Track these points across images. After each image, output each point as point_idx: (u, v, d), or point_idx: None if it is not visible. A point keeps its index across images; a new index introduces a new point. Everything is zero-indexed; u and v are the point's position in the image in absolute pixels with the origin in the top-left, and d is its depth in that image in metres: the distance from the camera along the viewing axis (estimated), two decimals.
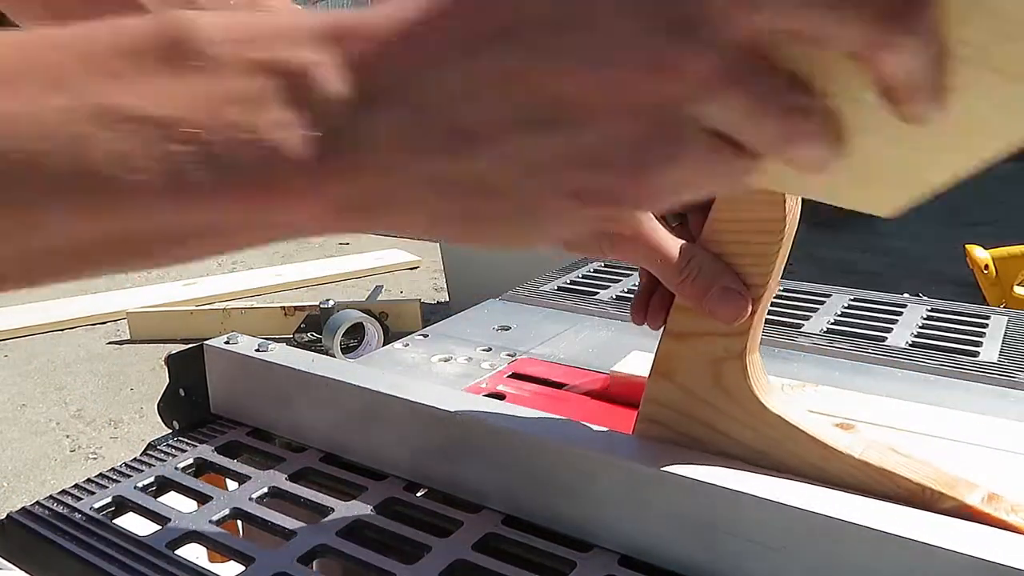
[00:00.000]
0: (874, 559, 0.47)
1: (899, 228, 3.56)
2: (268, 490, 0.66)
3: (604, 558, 0.56)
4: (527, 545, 0.58)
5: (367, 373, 0.71)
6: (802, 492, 0.51)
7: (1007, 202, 4.00)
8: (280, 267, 3.12)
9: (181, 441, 0.76)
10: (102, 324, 2.57)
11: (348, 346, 1.97)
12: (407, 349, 0.99)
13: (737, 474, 0.53)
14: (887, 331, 1.05)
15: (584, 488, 0.58)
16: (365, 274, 3.02)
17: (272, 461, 0.72)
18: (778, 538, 0.50)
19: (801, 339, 1.03)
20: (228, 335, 0.80)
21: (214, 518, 0.62)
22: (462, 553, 0.57)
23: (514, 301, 1.20)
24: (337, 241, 3.55)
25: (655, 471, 0.54)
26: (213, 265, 3.24)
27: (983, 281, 1.99)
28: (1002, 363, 0.94)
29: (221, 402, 0.80)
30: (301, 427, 0.74)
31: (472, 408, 0.64)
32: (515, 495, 0.61)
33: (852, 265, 3.01)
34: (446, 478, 0.65)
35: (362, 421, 0.69)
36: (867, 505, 0.49)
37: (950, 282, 2.70)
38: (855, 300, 1.19)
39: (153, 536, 0.60)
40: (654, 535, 0.55)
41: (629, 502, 0.56)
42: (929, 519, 0.48)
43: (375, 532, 0.61)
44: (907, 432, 0.70)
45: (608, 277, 1.33)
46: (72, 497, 0.66)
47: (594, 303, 1.19)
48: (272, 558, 0.57)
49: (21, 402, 2.03)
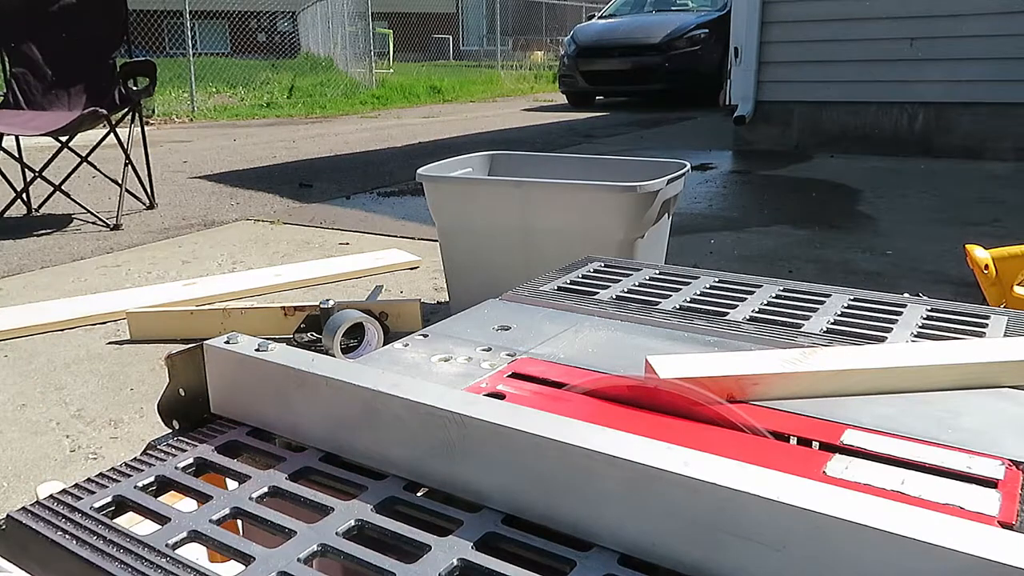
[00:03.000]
0: (874, 559, 0.47)
1: (899, 228, 3.56)
2: (268, 490, 0.66)
3: (604, 557, 0.56)
4: (527, 544, 0.58)
5: (367, 373, 0.71)
6: (802, 492, 0.51)
7: (1007, 202, 4.00)
8: (280, 267, 3.12)
9: (181, 441, 0.76)
10: (102, 324, 2.57)
11: (348, 346, 1.97)
12: (407, 349, 0.99)
13: (737, 474, 0.53)
14: (887, 331, 1.05)
15: (584, 488, 0.58)
16: (365, 274, 3.01)
17: (272, 461, 0.72)
18: (778, 538, 0.50)
19: (801, 339, 1.03)
20: (228, 335, 0.80)
21: (214, 518, 0.62)
22: (462, 552, 0.57)
23: (514, 301, 1.20)
24: (337, 241, 3.55)
25: (655, 471, 0.54)
26: (213, 265, 3.24)
27: (983, 281, 1.99)
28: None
29: (221, 402, 0.80)
30: (301, 427, 0.74)
31: (472, 408, 0.64)
32: (515, 495, 0.61)
33: (852, 265, 3.01)
34: (446, 478, 0.65)
35: (362, 421, 0.69)
36: (867, 505, 0.49)
37: (950, 282, 2.70)
38: (855, 300, 1.19)
39: (153, 536, 0.60)
40: (654, 534, 0.55)
41: (629, 502, 0.56)
42: (930, 519, 0.48)
43: (375, 532, 0.61)
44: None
45: (608, 277, 1.33)
46: (72, 497, 0.66)
47: (594, 303, 1.19)
48: (272, 557, 0.57)
49: (21, 402, 2.03)
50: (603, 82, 10.46)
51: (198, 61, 10.68)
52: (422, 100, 12.48)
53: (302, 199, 4.59)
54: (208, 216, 4.20)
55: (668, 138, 7.39)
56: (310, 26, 16.75)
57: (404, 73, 14.59)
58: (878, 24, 5.47)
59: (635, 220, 2.06)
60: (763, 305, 1.17)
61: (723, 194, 4.65)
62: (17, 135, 3.96)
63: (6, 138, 3.98)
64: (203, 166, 5.83)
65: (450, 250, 2.37)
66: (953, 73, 5.29)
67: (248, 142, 7.42)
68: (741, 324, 1.09)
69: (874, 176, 4.92)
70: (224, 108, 10.41)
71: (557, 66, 13.05)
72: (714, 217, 3.99)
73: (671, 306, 1.17)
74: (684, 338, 1.04)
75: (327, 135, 8.04)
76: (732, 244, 3.42)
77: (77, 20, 4.37)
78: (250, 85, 12.03)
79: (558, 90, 11.58)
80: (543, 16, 20.98)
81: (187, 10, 10.13)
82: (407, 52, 17.97)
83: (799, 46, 5.80)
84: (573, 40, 10.77)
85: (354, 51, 13.89)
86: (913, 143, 5.56)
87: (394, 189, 4.83)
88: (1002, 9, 5.07)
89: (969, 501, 0.64)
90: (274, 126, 8.95)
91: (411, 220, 3.96)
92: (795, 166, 5.40)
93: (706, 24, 9.78)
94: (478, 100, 13.04)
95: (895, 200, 4.23)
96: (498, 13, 17.47)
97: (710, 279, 1.31)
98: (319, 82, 12.58)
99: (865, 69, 5.58)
